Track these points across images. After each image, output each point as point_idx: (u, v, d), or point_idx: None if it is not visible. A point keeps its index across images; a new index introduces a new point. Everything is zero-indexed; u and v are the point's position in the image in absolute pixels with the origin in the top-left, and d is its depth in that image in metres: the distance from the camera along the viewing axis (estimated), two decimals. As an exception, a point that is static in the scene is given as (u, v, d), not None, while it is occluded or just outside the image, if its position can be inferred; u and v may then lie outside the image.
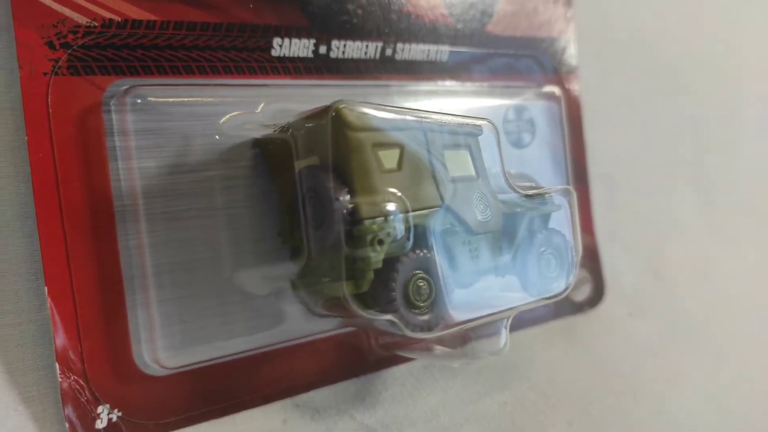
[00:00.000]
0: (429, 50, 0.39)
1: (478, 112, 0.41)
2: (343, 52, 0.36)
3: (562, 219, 0.35)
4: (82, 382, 0.28)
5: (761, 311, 0.51)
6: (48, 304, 0.27)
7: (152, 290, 0.30)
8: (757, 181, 0.56)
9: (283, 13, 0.34)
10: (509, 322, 0.32)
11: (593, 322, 0.46)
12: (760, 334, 0.49)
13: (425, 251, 0.29)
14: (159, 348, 0.29)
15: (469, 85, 0.41)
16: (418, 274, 0.29)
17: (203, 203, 0.31)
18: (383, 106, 0.28)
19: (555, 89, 0.45)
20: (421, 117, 0.29)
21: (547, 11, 0.45)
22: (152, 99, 0.29)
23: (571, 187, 0.36)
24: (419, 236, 0.29)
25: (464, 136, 0.31)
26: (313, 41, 0.35)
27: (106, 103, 0.29)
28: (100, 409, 0.28)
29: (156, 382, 0.30)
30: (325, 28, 0.35)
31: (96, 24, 0.29)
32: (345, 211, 0.26)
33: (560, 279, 0.34)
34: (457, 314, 0.30)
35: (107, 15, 0.29)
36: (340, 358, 0.35)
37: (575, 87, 0.47)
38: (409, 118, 0.29)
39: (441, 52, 0.40)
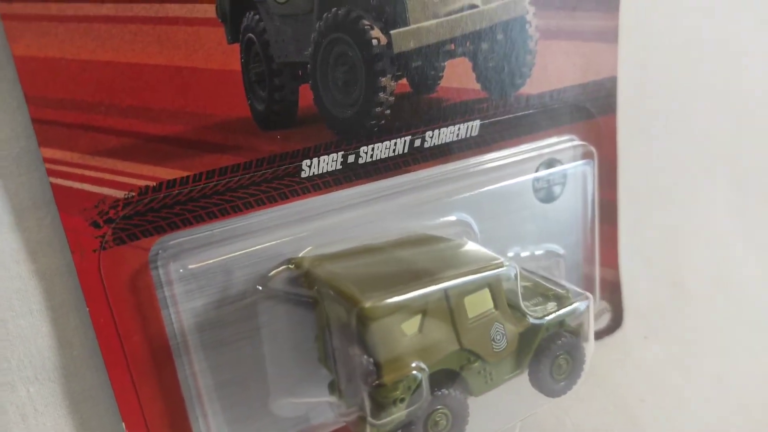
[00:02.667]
0: (459, 129, 0.39)
1: (507, 178, 0.42)
2: (372, 156, 0.36)
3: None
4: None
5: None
6: (124, 434, 0.33)
7: (207, 405, 0.34)
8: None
9: (310, 134, 0.34)
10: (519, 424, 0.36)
11: (609, 349, 0.49)
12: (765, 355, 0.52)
13: (443, 390, 0.32)
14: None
15: (501, 153, 0.41)
16: (438, 409, 0.33)
17: (246, 327, 0.34)
18: (406, 286, 0.30)
19: (591, 135, 0.44)
20: (442, 278, 0.31)
21: (590, 54, 0.42)
22: (192, 266, 0.31)
23: (588, 293, 0.37)
24: (439, 378, 0.32)
25: (484, 276, 0.33)
26: (341, 153, 0.35)
27: (153, 261, 0.32)
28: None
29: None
30: (353, 137, 0.35)
31: (133, 194, 0.30)
32: (369, 387, 0.30)
33: (569, 378, 0.37)
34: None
35: (142, 183, 0.31)
36: None
37: (612, 126, 0.45)
38: (429, 287, 0.31)
39: (472, 127, 0.39)
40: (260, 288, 0.33)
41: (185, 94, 0.30)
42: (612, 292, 0.49)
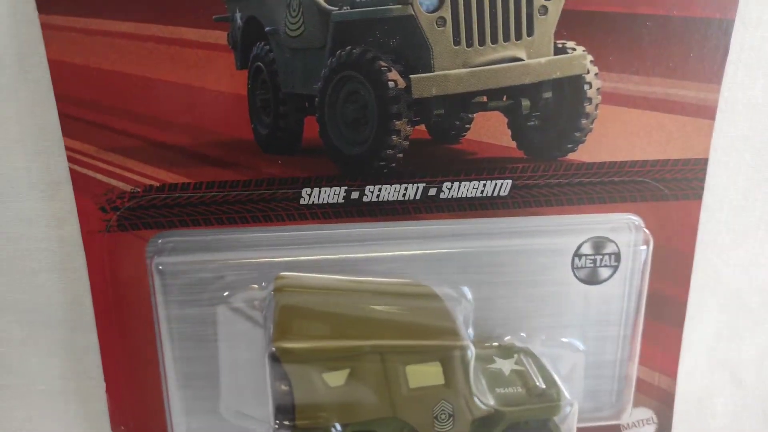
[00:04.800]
0: (485, 185, 0.36)
1: (541, 248, 0.38)
2: (378, 196, 0.36)
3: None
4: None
5: None
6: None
7: (172, 390, 0.37)
8: None
9: (312, 164, 0.35)
10: None
11: (647, 465, 0.42)
12: None
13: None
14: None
15: (536, 220, 0.37)
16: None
17: (209, 331, 0.36)
18: (339, 337, 0.30)
19: (661, 219, 0.38)
20: (382, 342, 0.30)
21: (673, 128, 0.36)
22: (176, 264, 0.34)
23: (573, 401, 0.33)
24: (366, 438, 0.31)
25: (436, 351, 0.31)
26: (344, 188, 0.35)
27: (149, 251, 0.35)
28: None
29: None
30: (358, 175, 0.35)
31: (138, 190, 0.34)
32: (281, 424, 0.30)
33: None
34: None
35: (147, 182, 0.34)
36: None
37: (694, 214, 0.38)
38: (362, 344, 0.30)
39: (501, 186, 0.36)
40: (226, 297, 0.35)
41: (192, 110, 0.33)
42: (663, 401, 0.42)
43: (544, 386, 0.33)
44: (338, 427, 0.30)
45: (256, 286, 0.34)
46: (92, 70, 0.32)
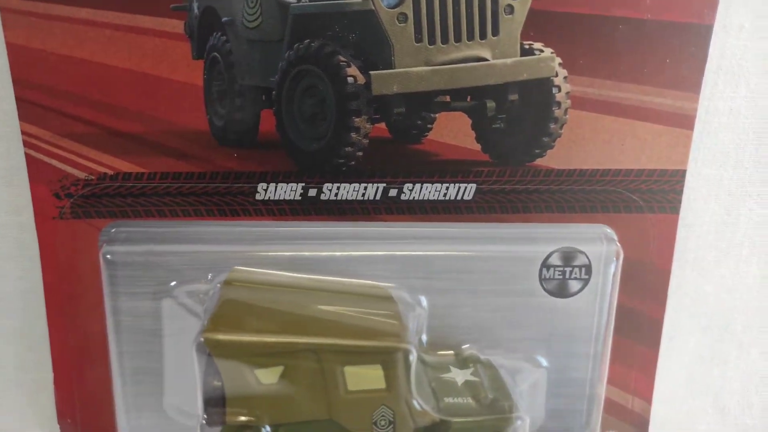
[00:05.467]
0: (447, 188, 0.35)
1: (506, 255, 0.37)
2: (336, 195, 0.35)
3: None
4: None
5: None
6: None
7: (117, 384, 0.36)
8: None
9: (269, 159, 0.34)
10: None
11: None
12: None
13: (307, 457, 0.30)
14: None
15: (503, 227, 0.36)
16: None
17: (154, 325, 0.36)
18: (266, 334, 0.29)
19: (634, 231, 0.36)
20: (316, 339, 0.29)
21: (648, 137, 0.35)
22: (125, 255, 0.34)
23: (524, 415, 0.31)
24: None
25: (376, 353, 0.29)
26: (301, 185, 0.34)
27: (100, 240, 0.35)
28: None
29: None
30: (316, 172, 0.34)
31: (93, 177, 0.34)
32: (209, 417, 0.29)
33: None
34: None
35: (101, 169, 0.34)
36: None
37: (671, 228, 0.36)
38: (296, 340, 0.29)
39: (465, 189, 0.35)
40: (173, 287, 0.34)
41: (148, 98, 0.33)
42: (637, 426, 0.39)
43: (491, 397, 0.32)
44: (268, 428, 0.29)
45: (202, 279, 0.34)
46: (50, 54, 0.32)
